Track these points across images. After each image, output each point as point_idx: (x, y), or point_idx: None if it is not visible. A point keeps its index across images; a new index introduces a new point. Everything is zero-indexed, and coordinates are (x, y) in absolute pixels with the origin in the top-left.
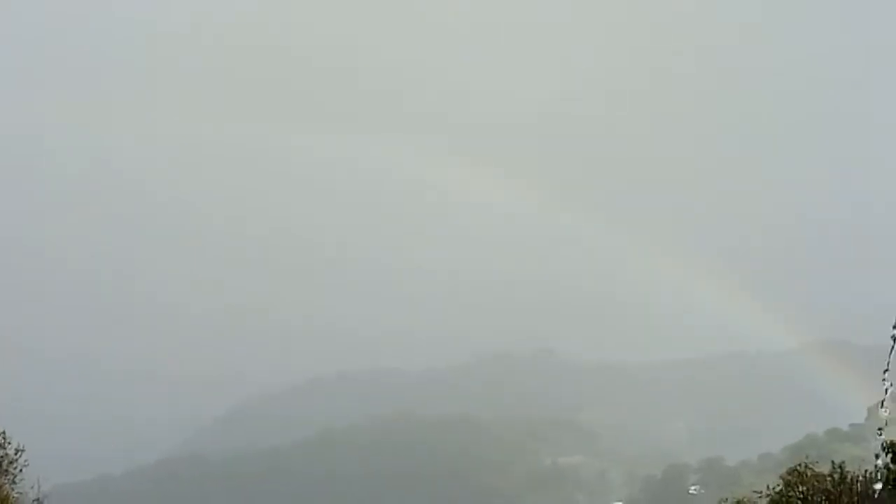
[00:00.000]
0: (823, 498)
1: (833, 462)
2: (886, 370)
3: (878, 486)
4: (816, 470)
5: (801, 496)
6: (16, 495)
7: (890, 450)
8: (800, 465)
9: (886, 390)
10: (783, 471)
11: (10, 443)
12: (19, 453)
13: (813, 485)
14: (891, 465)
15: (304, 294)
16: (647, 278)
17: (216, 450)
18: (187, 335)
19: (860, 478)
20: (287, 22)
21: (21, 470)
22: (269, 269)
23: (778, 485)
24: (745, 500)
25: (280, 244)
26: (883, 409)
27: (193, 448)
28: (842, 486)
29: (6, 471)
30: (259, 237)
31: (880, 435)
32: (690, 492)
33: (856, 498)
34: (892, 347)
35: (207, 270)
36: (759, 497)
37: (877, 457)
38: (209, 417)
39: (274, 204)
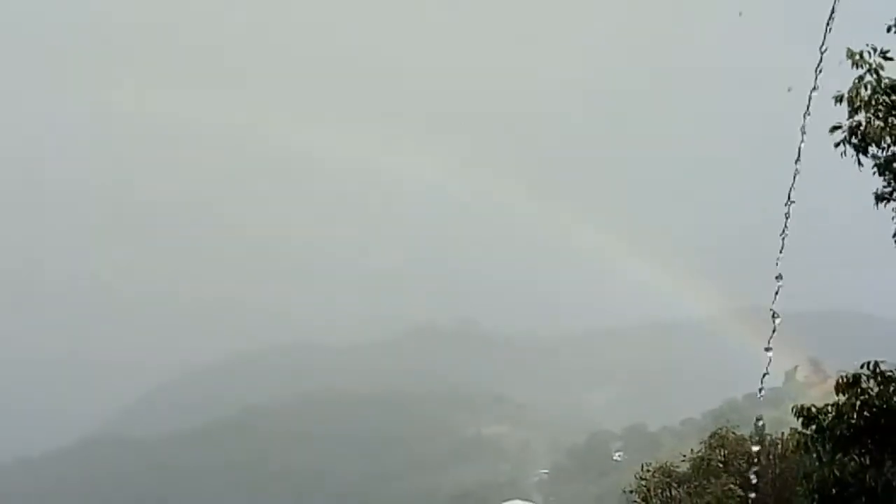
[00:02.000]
0: (744, 460)
1: (756, 425)
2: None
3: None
4: (737, 433)
5: (723, 459)
6: None
7: (800, 414)
8: (721, 428)
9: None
10: (705, 435)
11: None
12: None
13: (734, 447)
14: (804, 431)
15: (224, 270)
16: (568, 250)
17: (138, 431)
18: (107, 315)
19: (778, 440)
20: (264, 8)
21: None
22: (188, 247)
23: (700, 449)
24: (667, 464)
25: (201, 222)
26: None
27: (114, 429)
28: (761, 448)
29: None
30: (179, 216)
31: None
32: (614, 458)
33: (775, 460)
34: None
35: (127, 251)
36: (682, 461)
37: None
38: (130, 398)
39: (196, 182)
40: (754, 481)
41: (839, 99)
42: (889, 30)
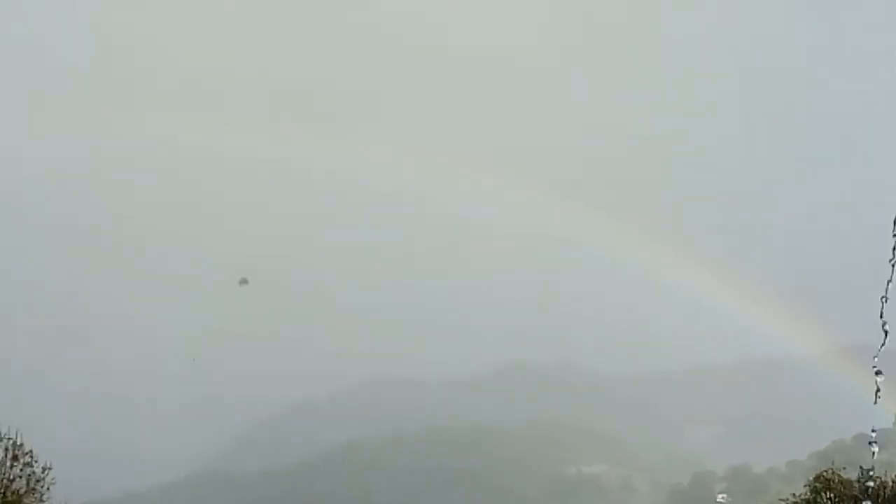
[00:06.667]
0: (851, 503)
1: (861, 468)
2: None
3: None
4: (843, 476)
5: (829, 502)
6: None
7: None
8: (826, 471)
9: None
10: (811, 477)
11: (37, 461)
12: (46, 471)
13: (840, 491)
14: None
15: (322, 307)
16: (669, 286)
17: (241, 467)
18: (207, 353)
19: (889, 482)
20: (257, 26)
21: (48, 488)
22: (284, 284)
23: (805, 492)
24: None
25: (294, 259)
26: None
27: (219, 465)
28: (869, 492)
29: (34, 489)
30: (270, 253)
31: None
32: (718, 500)
33: (884, 503)
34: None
35: (223, 288)
36: None
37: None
38: (232, 435)
39: (279, 221)
40: None
41: None
42: None
